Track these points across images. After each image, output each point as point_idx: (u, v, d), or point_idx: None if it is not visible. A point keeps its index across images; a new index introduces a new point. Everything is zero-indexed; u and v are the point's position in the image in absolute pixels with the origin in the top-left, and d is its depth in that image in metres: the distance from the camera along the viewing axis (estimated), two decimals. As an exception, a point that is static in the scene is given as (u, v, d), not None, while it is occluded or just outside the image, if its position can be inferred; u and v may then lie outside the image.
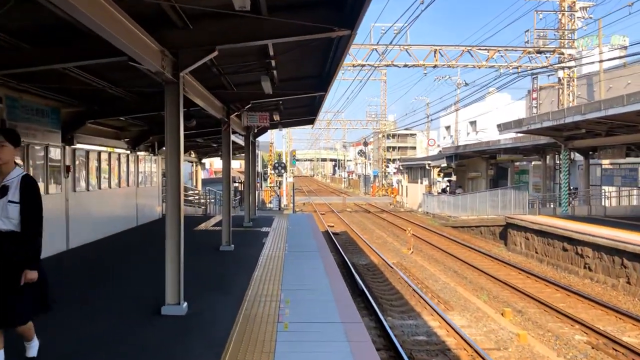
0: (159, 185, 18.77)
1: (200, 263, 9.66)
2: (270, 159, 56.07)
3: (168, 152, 6.32)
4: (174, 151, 6.27)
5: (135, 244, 12.71)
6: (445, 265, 18.14)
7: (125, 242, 13.05)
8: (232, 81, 10.44)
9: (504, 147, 27.94)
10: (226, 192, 11.20)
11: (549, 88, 40.94)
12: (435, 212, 35.54)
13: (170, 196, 6.34)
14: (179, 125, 6.30)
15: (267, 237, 13.35)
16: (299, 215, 22.03)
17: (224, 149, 11.13)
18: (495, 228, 23.21)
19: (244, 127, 14.28)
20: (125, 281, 8.42)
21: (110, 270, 9.32)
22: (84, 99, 10.78)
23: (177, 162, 6.27)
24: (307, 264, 9.51)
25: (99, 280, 8.41)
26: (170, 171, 6.33)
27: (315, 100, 13.99)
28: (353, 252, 21.07)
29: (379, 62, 26.47)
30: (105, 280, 8.48)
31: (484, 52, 26.99)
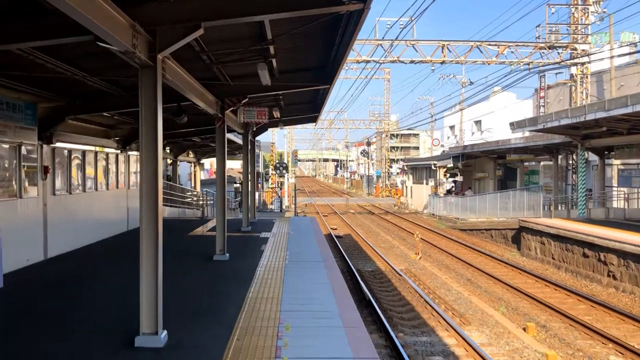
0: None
1: (189, 277, 8.60)
2: (272, 159, 55.05)
3: (143, 150, 5.27)
4: (150, 149, 5.22)
5: (122, 251, 11.64)
6: (457, 272, 17.05)
7: (112, 248, 11.99)
8: (227, 72, 9.38)
9: (514, 146, 26.81)
10: (220, 194, 10.14)
11: (556, 87, 39.87)
12: (441, 214, 34.43)
13: (145, 203, 5.28)
14: (156, 118, 5.24)
15: (266, 244, 12.29)
16: (301, 218, 20.96)
17: (218, 147, 10.07)
18: (507, 231, 22.11)
19: (241, 124, 13.21)
20: (100, 300, 7.35)
21: (85, 285, 8.26)
22: (63, 93, 9.73)
23: (153, 163, 5.21)
24: (310, 277, 8.43)
25: (70, 297, 7.35)
26: (146, 172, 5.27)
27: (319, 95, 12.92)
28: (358, 257, 19.99)
29: (384, 58, 25.39)
30: (76, 297, 7.42)
31: (494, 48, 25.89)
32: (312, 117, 16.46)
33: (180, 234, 14.44)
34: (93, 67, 8.00)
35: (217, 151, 10.03)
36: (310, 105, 15.01)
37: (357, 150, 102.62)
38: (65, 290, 7.88)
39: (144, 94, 5.24)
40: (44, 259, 9.85)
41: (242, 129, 14.02)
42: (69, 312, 6.65)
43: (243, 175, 15.09)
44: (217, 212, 10.22)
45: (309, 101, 14.23)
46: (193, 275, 8.74)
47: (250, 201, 16.15)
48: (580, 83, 26.24)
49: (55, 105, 9.92)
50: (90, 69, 8.08)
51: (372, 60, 25.55)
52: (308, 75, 10.17)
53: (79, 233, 11.47)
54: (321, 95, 12.55)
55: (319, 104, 14.20)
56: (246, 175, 15.17)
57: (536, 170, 32.09)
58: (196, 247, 11.98)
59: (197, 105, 10.07)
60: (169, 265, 9.80)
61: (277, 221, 17.92)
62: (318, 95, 12.79)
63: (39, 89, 9.05)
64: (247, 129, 14.18)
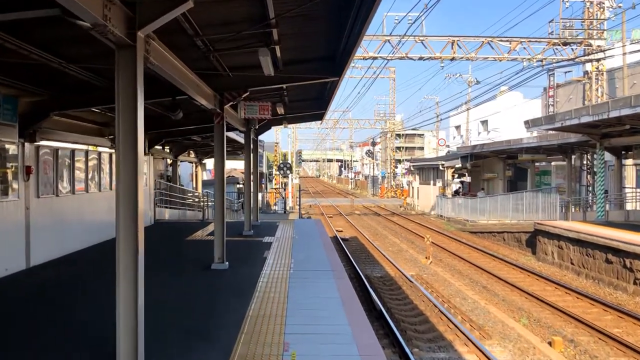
0: (151, 187, 16.88)
1: (182, 290, 7.73)
2: (276, 160, 54.21)
3: (120, 146, 4.42)
4: (129, 144, 4.38)
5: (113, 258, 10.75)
6: (471, 278, 16.13)
7: (103, 255, 11.11)
8: (225, 63, 8.51)
9: (526, 146, 25.86)
10: (219, 197, 9.26)
11: (566, 85, 38.90)
12: (449, 215, 33.49)
13: (123, 210, 4.43)
14: (136, 109, 4.39)
15: (269, 249, 11.40)
16: (306, 221, 20.08)
17: (217, 145, 9.20)
18: (521, 235, 21.17)
19: (241, 120, 12.34)
20: (80, 315, 6.48)
21: (66, 299, 7.39)
22: (46, 86, 8.89)
23: (132, 162, 4.34)
24: (318, 289, 7.55)
25: (47, 314, 6.49)
26: (124, 173, 4.42)
27: (326, 90, 12.04)
28: (366, 261, 19.09)
29: (392, 54, 24.47)
30: (55, 312, 6.55)
31: (506, 44, 24.95)
32: (318, 115, 15.57)
33: (177, 238, 13.59)
34: (75, 54, 7.13)
35: (216, 149, 9.16)
36: (316, 101, 14.14)
37: (361, 150, 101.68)
38: (42, 306, 7.02)
39: (121, 80, 4.38)
40: (26, 267, 9.01)
41: (244, 127, 13.14)
42: (43, 332, 5.78)
43: (245, 176, 14.22)
44: (216, 217, 9.35)
45: (315, 97, 13.36)
46: (187, 289, 7.86)
47: (252, 203, 15.28)
48: (595, 80, 25.26)
49: (38, 99, 9.07)
50: (72, 57, 7.21)
51: (380, 57, 24.66)
52: (315, 67, 9.29)
53: (66, 238, 10.62)
54: (329, 89, 11.65)
55: (325, 100, 13.31)
56: (248, 175, 14.30)
57: (548, 170, 31.14)
58: (193, 254, 11.12)
59: (194, 100, 9.20)
60: (161, 276, 8.99)
61: (280, 224, 17.05)
62: (325, 89, 11.90)
63: (17, 80, 8.19)
64: (249, 127, 13.30)
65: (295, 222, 18.07)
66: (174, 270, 9.15)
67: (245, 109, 9.82)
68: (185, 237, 13.59)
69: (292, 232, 14.86)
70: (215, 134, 9.16)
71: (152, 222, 16.76)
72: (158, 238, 14.21)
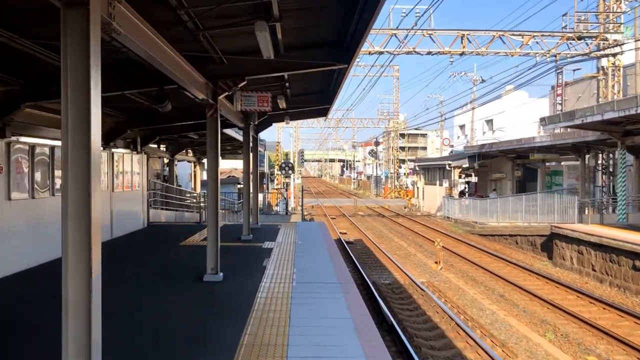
0: (144, 188, 15.83)
1: (164, 309, 6.66)
2: (277, 159, 53.17)
3: (69, 139, 3.34)
4: (79, 136, 3.29)
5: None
6: (486, 285, 15.03)
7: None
8: (219, 46, 7.45)
9: (538, 145, 24.74)
10: (212, 199, 8.20)
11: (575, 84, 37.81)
12: (456, 217, 32.40)
13: (71, 221, 3.34)
14: (89, 90, 3.31)
15: (269, 257, 10.34)
16: (309, 224, 19.00)
17: (210, 141, 8.14)
18: (536, 238, 20.07)
19: (239, 115, 11.29)
20: (41, 340, 5.42)
21: (33, 318, 6.33)
22: (16, 73, 7.84)
23: (85, 155, 3.28)
24: (325, 308, 6.49)
25: (7, 335, 5.43)
26: (73, 170, 3.34)
27: (332, 82, 10.97)
28: (372, 266, 18.03)
29: (399, 49, 23.39)
30: (16, 333, 5.49)
31: (518, 38, 23.86)
32: (322, 110, 14.49)
33: (170, 243, 12.54)
34: (39, 32, 6.07)
35: (209, 146, 8.11)
36: (321, 95, 13.07)
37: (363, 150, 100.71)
38: (3, 325, 5.97)
39: (69, 51, 3.33)
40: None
41: (242, 122, 12.07)
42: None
43: (244, 176, 13.17)
44: (209, 223, 8.29)
45: (319, 89, 12.30)
46: (170, 307, 6.78)
47: (252, 205, 14.23)
48: (612, 76, 24.15)
49: (7, 89, 8.02)
50: (37, 35, 6.16)
51: (386, 52, 23.57)
52: (320, 53, 8.21)
53: (44, 245, 9.56)
54: (335, 80, 10.57)
55: (331, 94, 12.24)
56: (247, 175, 13.22)
57: (559, 170, 30.03)
58: (185, 263, 10.05)
59: (183, 90, 8.15)
60: (141, 291, 7.67)
61: (282, 227, 15.99)
62: (331, 80, 10.83)
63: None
64: (248, 123, 12.23)
65: (298, 225, 17.01)
66: (157, 283, 8.09)
67: (242, 101, 8.75)
68: (179, 242, 12.53)
69: (295, 236, 13.80)
70: (209, 129, 8.10)
71: (144, 225, 15.71)
72: (147, 243, 13.17)
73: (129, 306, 6.70)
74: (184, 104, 11.66)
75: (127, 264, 10.00)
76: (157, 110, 12.72)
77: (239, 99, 8.73)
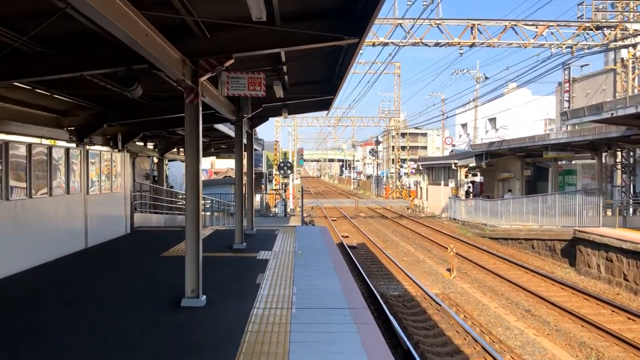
0: (127, 189, 14.27)
1: (125, 346, 5.08)
2: (276, 159, 51.57)
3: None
4: None
5: (68, 284, 8.16)
6: (508, 297, 13.49)
7: (53, 281, 8.49)
8: (200, 14, 5.91)
9: (554, 142, 23.17)
10: (192, 204, 6.66)
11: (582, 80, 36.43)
12: (463, 218, 30.90)
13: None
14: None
15: (264, 272, 8.79)
16: (310, 229, 17.43)
17: (189, 133, 6.58)
18: (555, 243, 18.53)
19: (229, 105, 9.72)
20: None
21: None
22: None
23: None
24: (335, 349, 4.93)
25: None
26: None
27: (337, 64, 9.40)
28: (378, 274, 16.49)
29: (404, 40, 21.86)
30: None
31: (532, 28, 22.32)
32: (324, 102, 12.93)
33: (152, 253, 10.97)
34: None
35: (188, 140, 6.54)
36: (323, 84, 11.52)
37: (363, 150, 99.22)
38: None
39: None
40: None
41: (234, 115, 10.50)
42: None
43: (236, 177, 11.61)
44: (188, 234, 6.74)
45: (321, 78, 10.76)
46: (134, 344, 5.22)
47: (246, 209, 12.69)
48: (632, 68, 22.62)
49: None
50: None
51: (391, 43, 22.03)
52: (325, 24, 6.65)
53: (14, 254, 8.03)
54: (342, 62, 9.00)
55: (335, 81, 10.67)
56: (239, 175, 11.64)
57: (572, 169, 28.49)
58: (163, 280, 8.48)
59: (158, 71, 6.62)
60: (102, 319, 6.05)
61: (280, 232, 14.44)
62: (336, 63, 9.26)
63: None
64: (240, 115, 10.66)
65: (298, 229, 15.45)
66: (122, 310, 6.53)
67: (228, 83, 7.17)
68: (162, 252, 10.95)
69: (294, 244, 12.25)
70: (188, 118, 6.55)
71: (127, 231, 14.16)
72: (126, 253, 11.59)
73: (76, 344, 5.16)
74: (166, 92, 10.13)
75: (93, 280, 8.45)
76: (140, 103, 11.22)
77: (225, 82, 7.14)
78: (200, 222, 6.75)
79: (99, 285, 8.08)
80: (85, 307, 6.67)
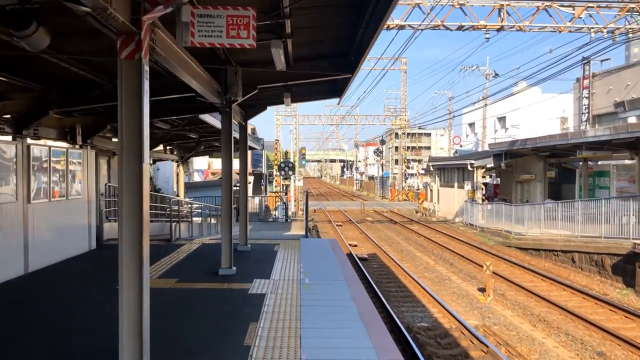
0: (90, 194, 11.53)
1: None
2: (276, 159, 48.82)
3: None
4: None
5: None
6: (567, 331, 10.71)
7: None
8: None
9: (591, 139, 20.40)
10: (131, 218, 3.92)
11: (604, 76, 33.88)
12: (481, 224, 28.16)
13: None
14: None
15: (257, 321, 6.04)
16: (317, 242, 14.63)
17: (125, 106, 3.85)
18: (605, 257, 15.76)
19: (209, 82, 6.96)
20: None
21: None
22: None
23: None
24: None
25: None
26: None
27: (362, 25, 6.64)
28: (398, 296, 13.75)
29: (423, 22, 19.12)
30: None
31: (568, 10, 19.58)
32: (338, 84, 10.16)
33: (110, 282, 8.20)
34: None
35: (124, 118, 3.83)
36: (338, 60, 8.76)
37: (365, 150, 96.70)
38: None
39: None
40: None
41: (217, 95, 7.72)
42: None
43: (223, 179, 8.84)
44: (123, 278, 4.03)
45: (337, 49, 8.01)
46: None
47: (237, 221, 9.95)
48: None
49: None
50: None
51: (408, 26, 19.28)
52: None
53: None
54: (369, 19, 6.22)
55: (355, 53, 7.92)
56: (227, 178, 8.86)
57: (605, 171, 25.70)
58: (105, 343, 5.70)
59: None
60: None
61: (280, 248, 11.71)
62: (360, 24, 6.50)
63: None
64: (227, 97, 7.91)
65: (302, 243, 12.72)
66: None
67: (194, 26, 4.38)
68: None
69: (298, 265, 9.53)
70: (123, 85, 3.82)
71: (93, 246, 11.43)
72: (76, 283, 8.71)
73: None
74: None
75: (4, 335, 5.72)
76: (95, 81, 8.50)
77: (188, 24, 4.36)
78: (146, 259, 4.03)
79: (13, 343, 5.35)
80: None
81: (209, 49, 7.10)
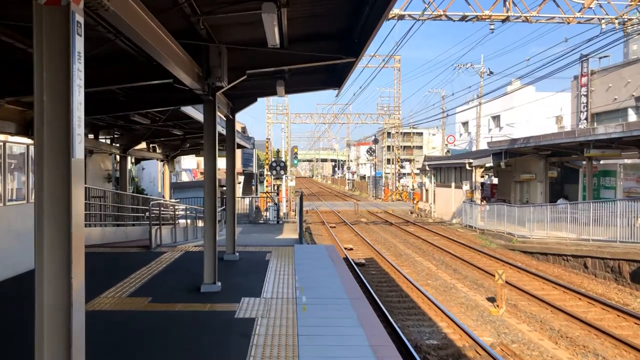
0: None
1: None
2: (267, 158, 47.48)
3: None
4: None
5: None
6: (595, 350, 9.55)
7: None
8: None
9: (602, 136, 19.31)
10: (51, 228, 2.65)
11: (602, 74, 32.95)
12: (480, 226, 27.06)
13: None
14: None
15: (247, 351, 4.79)
16: (313, 250, 13.32)
17: (44, 63, 2.60)
18: (622, 263, 14.65)
19: (177, 49, 5.67)
20: None
21: None
22: None
23: None
24: None
25: None
26: None
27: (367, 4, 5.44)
28: (401, 307, 12.55)
29: (424, 13, 17.94)
30: None
31: (577, 0, 18.48)
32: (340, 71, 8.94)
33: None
34: None
35: (41, 88, 2.62)
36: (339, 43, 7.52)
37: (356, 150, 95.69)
38: None
39: None
40: None
41: (197, 79, 6.46)
42: None
43: (205, 179, 7.56)
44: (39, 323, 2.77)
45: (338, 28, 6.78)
46: None
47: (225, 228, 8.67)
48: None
49: None
50: None
51: (409, 16, 18.10)
52: None
53: None
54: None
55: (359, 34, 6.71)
56: (211, 178, 7.58)
57: (611, 170, 24.69)
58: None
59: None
60: None
61: (273, 257, 10.45)
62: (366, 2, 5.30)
63: None
64: (209, 83, 6.64)
65: (296, 251, 11.47)
66: None
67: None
68: (92, 298, 6.90)
69: (293, 279, 8.28)
70: (44, 43, 2.58)
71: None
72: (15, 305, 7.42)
73: None
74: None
75: None
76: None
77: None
78: (78, 286, 2.78)
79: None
80: None
81: (185, 22, 5.85)
